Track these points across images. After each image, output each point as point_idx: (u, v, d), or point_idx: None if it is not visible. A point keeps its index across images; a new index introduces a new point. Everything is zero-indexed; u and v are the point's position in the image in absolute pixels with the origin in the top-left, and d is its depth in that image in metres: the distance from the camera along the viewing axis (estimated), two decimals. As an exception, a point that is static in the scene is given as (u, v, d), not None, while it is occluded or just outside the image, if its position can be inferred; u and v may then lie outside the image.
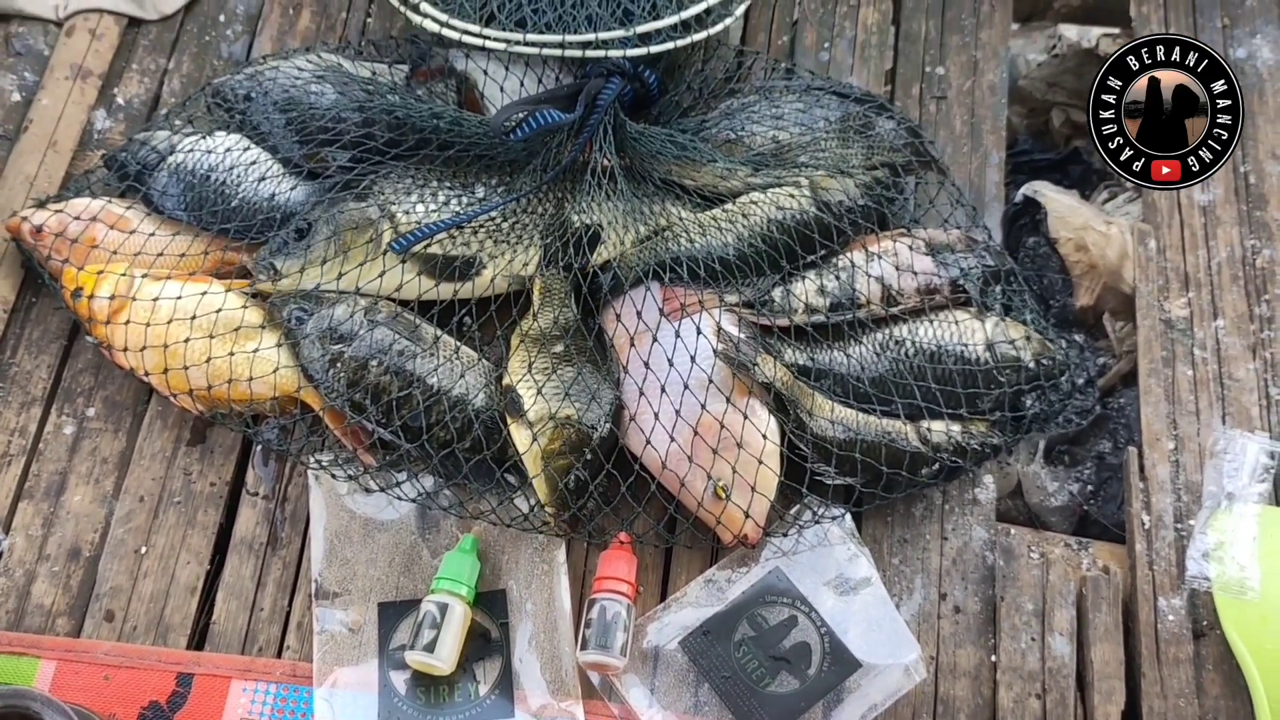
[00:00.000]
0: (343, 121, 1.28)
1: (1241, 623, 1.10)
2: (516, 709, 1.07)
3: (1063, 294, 1.37)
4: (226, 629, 1.12)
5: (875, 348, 1.21)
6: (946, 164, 1.38)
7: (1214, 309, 1.29)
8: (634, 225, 1.24)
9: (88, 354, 1.27)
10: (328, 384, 1.16)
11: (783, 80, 1.41)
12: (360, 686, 1.07)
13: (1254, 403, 1.23)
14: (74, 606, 1.14)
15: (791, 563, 1.13)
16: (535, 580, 1.13)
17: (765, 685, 1.07)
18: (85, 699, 1.05)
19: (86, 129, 1.42)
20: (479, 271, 1.21)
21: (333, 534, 1.15)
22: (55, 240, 1.25)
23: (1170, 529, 1.17)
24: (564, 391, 1.14)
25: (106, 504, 1.19)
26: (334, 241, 1.20)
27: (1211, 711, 1.09)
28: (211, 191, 1.26)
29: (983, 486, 1.20)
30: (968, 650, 1.12)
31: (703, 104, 1.38)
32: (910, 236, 1.27)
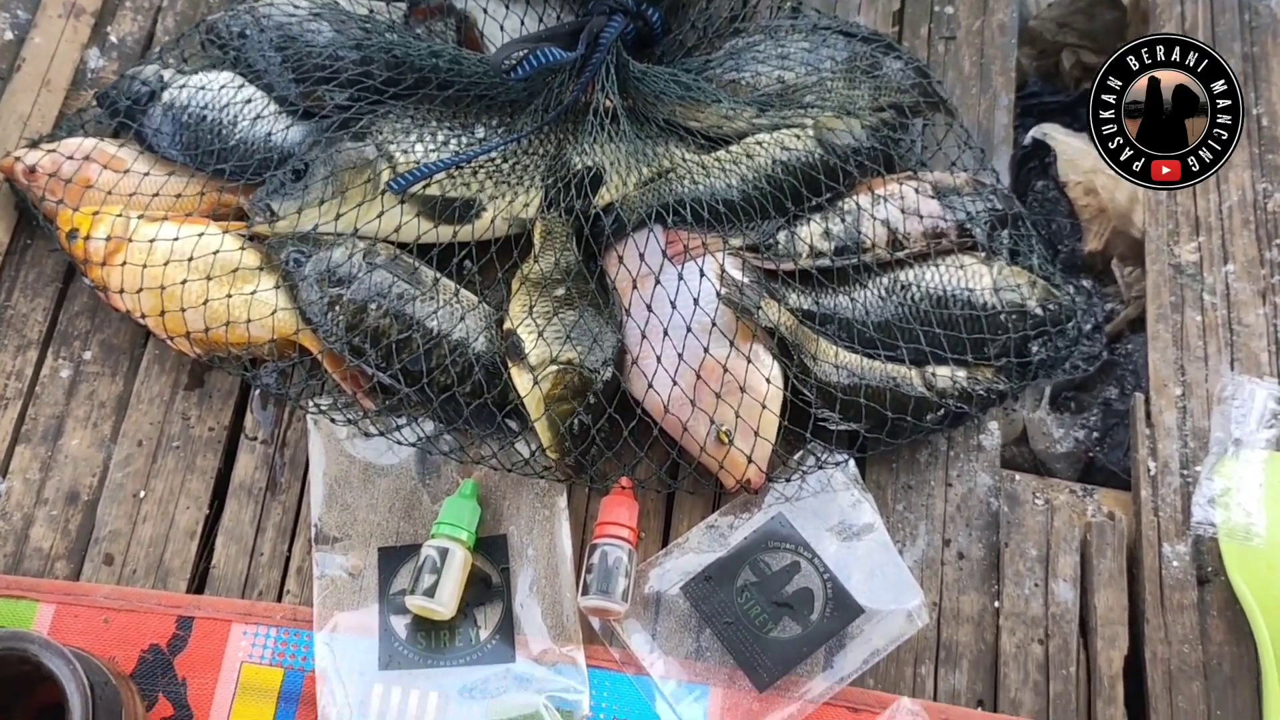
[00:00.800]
0: (340, 60, 1.25)
1: (1247, 569, 1.10)
2: (517, 654, 1.06)
3: (1071, 238, 1.36)
4: (226, 573, 1.12)
5: (880, 292, 1.19)
6: (954, 105, 1.36)
7: (1224, 253, 1.27)
8: (636, 167, 1.22)
9: (84, 296, 1.25)
10: (326, 327, 1.14)
11: (789, 19, 1.38)
12: (361, 631, 1.07)
13: (1263, 348, 1.22)
14: (73, 550, 1.13)
15: (794, 509, 1.12)
16: (536, 525, 1.13)
17: (767, 631, 1.07)
18: (85, 642, 1.05)
19: (80, 68, 1.40)
20: (479, 213, 1.20)
21: (332, 479, 1.14)
22: (49, 181, 1.23)
23: (1176, 475, 1.16)
24: (565, 335, 1.12)
25: (104, 448, 1.18)
26: (331, 182, 1.18)
27: (1215, 657, 1.09)
28: (206, 131, 1.24)
29: (988, 433, 1.19)
30: (971, 596, 1.12)
31: (707, 43, 1.36)
32: (917, 179, 1.25)
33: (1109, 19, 1.52)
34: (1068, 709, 1.07)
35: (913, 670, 1.09)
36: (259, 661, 1.06)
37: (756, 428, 1.09)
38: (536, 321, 1.13)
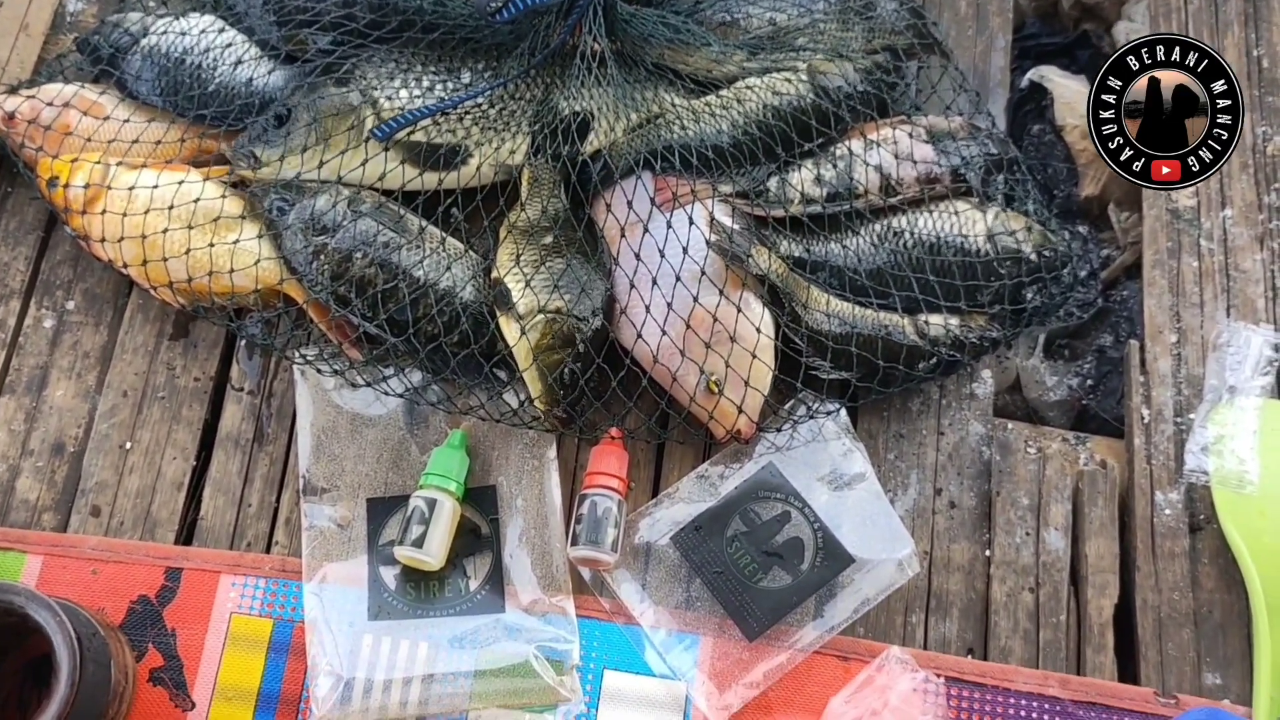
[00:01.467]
0: (322, 2, 1.23)
1: (1239, 516, 1.10)
2: (507, 604, 1.06)
3: (1068, 183, 1.34)
4: (214, 524, 1.12)
5: (873, 239, 1.18)
6: (950, 48, 1.34)
7: (1222, 198, 1.26)
8: (625, 112, 1.20)
9: (66, 245, 1.24)
10: (311, 276, 1.13)
11: None
12: (349, 581, 1.07)
13: (1260, 294, 1.21)
14: (59, 502, 1.13)
15: (785, 459, 1.12)
16: (525, 476, 1.12)
17: (757, 580, 1.07)
18: (73, 593, 1.05)
19: (58, 11, 1.37)
20: (465, 160, 1.18)
21: (320, 430, 1.13)
22: (29, 127, 1.21)
23: (1170, 423, 1.16)
24: (554, 284, 1.11)
25: (89, 399, 1.17)
26: (315, 129, 1.16)
27: (1206, 605, 1.09)
28: (187, 76, 1.22)
29: (980, 381, 1.19)
30: (962, 545, 1.12)
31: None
32: (911, 124, 1.23)
33: (1109, -42, 1.49)
34: (1058, 657, 1.07)
35: (903, 619, 1.09)
36: (248, 612, 1.06)
37: (747, 377, 1.09)
38: (524, 270, 1.12)
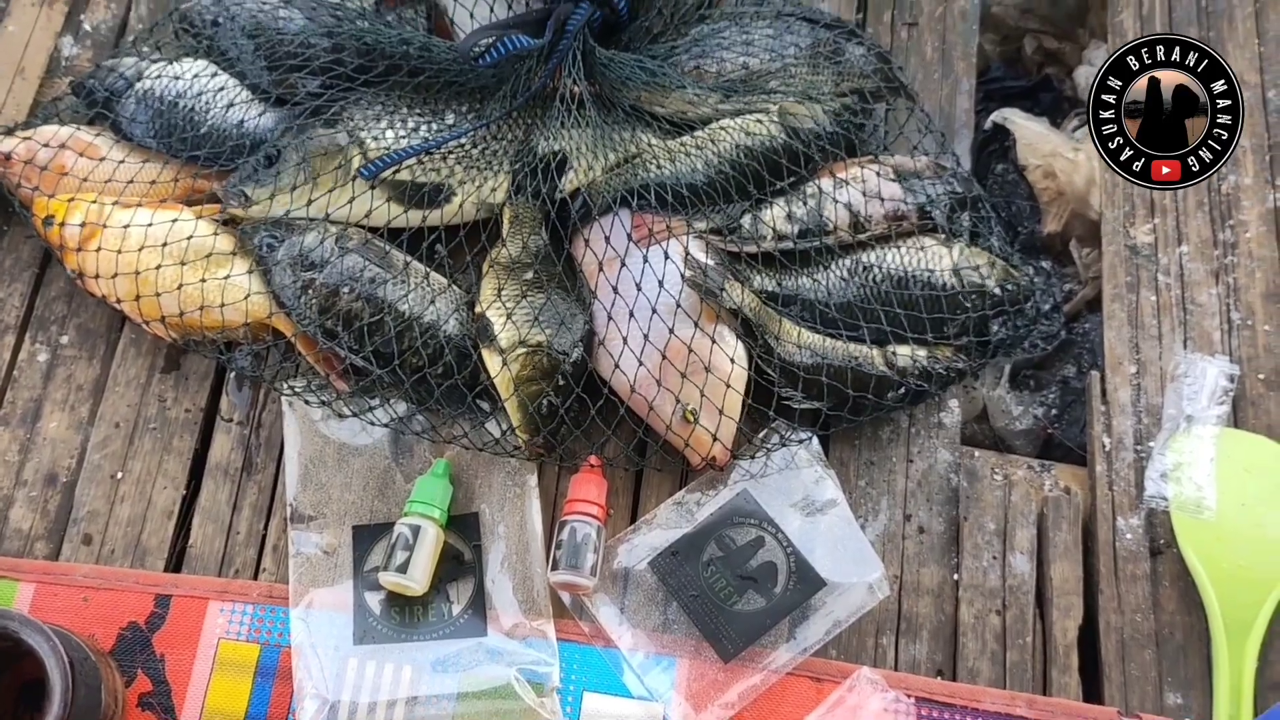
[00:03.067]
0: (311, 48, 1.27)
1: (1197, 541, 1.13)
2: (489, 628, 1.09)
3: (1031, 220, 1.38)
4: (203, 552, 1.14)
5: (843, 273, 1.21)
6: (916, 91, 1.38)
7: (1178, 235, 1.30)
8: (603, 152, 1.24)
9: (61, 281, 1.27)
10: (299, 310, 1.16)
11: (753, 5, 1.40)
12: (335, 607, 1.09)
13: (1215, 327, 1.25)
14: (52, 530, 1.15)
15: (759, 485, 1.15)
16: (507, 503, 1.15)
17: (732, 603, 1.10)
18: (64, 620, 1.07)
19: (54, 55, 1.41)
20: (448, 198, 1.22)
21: (307, 459, 1.16)
22: (25, 168, 1.24)
23: (1130, 450, 1.19)
24: (534, 318, 1.14)
25: (82, 430, 1.20)
26: (303, 168, 1.20)
27: (1167, 626, 1.12)
28: (180, 118, 1.26)
29: (948, 410, 1.22)
30: (931, 569, 1.15)
31: (673, 30, 1.37)
32: (879, 163, 1.27)
33: (1070, 5, 1.54)
34: (1024, 677, 1.10)
35: (874, 641, 1.12)
36: (236, 638, 1.08)
37: (721, 406, 1.12)
38: (505, 304, 1.16)
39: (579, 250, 1.21)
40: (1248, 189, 1.31)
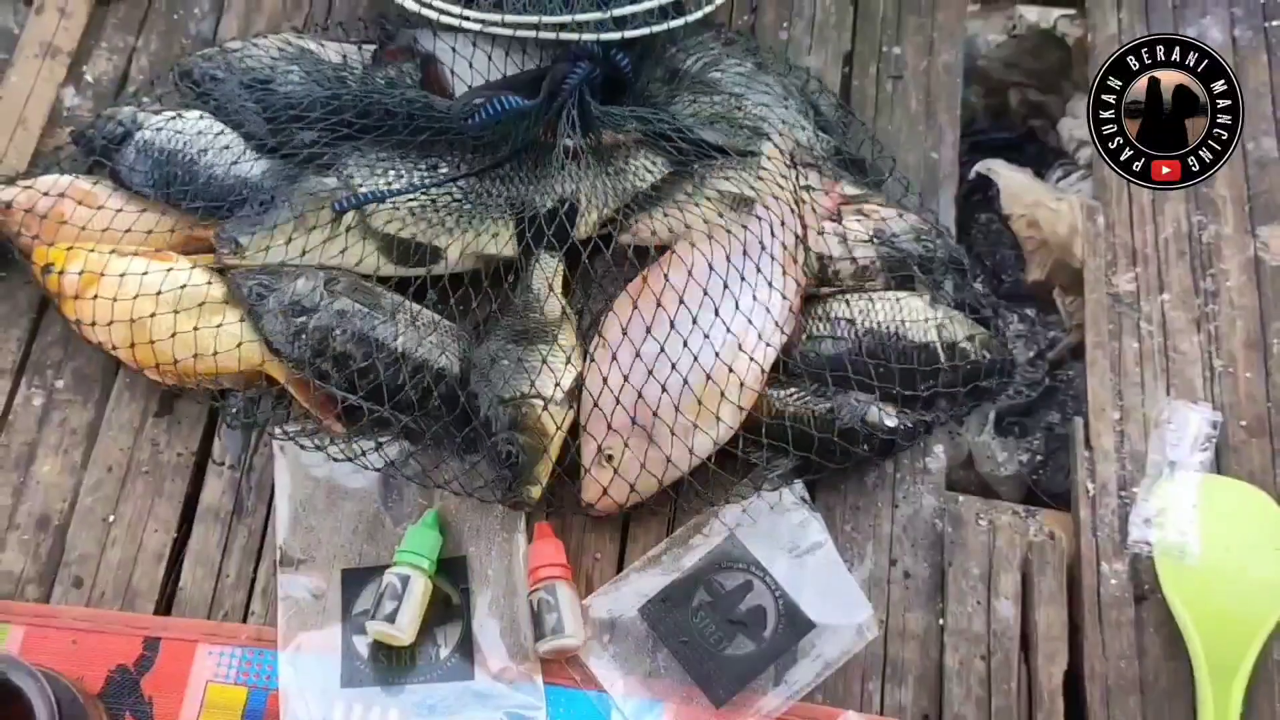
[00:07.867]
0: (310, 110, 1.28)
1: (1181, 587, 1.13)
2: (476, 672, 1.09)
3: (1015, 269, 1.40)
4: (193, 595, 1.15)
5: (814, 328, 1.23)
6: (900, 142, 1.41)
7: (1160, 283, 1.31)
8: (612, 198, 1.26)
9: (57, 327, 1.29)
10: (292, 355, 1.18)
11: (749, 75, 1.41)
12: (324, 650, 1.10)
13: (1197, 374, 1.26)
14: (43, 573, 1.16)
15: (747, 530, 1.16)
16: (496, 547, 1.16)
17: (722, 648, 1.10)
18: (54, 662, 1.07)
19: (55, 106, 1.44)
20: (436, 259, 1.23)
21: (298, 502, 1.17)
22: (25, 216, 1.27)
23: (1114, 496, 1.20)
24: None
25: (75, 474, 1.21)
26: (295, 217, 1.22)
27: (1152, 672, 1.12)
28: (178, 169, 1.28)
29: (934, 456, 1.23)
30: (916, 614, 1.15)
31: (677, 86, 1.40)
32: (862, 214, 1.28)
33: (1055, 59, 1.57)
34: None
35: (860, 686, 1.12)
36: (224, 680, 1.09)
37: (643, 462, 1.14)
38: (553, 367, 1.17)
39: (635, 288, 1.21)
40: (1228, 239, 1.33)
